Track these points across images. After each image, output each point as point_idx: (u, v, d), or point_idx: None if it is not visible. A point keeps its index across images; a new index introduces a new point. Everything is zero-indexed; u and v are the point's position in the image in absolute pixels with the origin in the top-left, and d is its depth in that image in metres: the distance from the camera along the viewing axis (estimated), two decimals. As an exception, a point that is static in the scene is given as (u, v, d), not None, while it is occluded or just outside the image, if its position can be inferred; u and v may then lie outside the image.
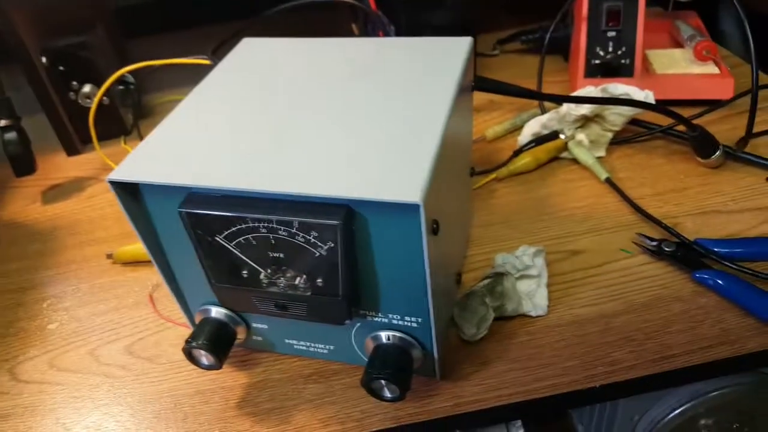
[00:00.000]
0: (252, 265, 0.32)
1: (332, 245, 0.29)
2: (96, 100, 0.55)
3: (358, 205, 0.28)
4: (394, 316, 0.33)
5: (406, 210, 0.27)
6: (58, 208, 0.58)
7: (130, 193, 0.32)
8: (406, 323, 0.33)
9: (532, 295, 0.39)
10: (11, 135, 0.56)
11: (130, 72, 0.54)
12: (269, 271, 0.32)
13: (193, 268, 0.34)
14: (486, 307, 0.37)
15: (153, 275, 0.47)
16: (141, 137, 0.62)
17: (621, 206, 0.47)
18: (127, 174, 0.30)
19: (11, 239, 0.55)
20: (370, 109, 0.33)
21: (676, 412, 0.53)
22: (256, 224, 0.30)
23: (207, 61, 0.51)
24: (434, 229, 0.28)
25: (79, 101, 0.62)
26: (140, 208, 0.32)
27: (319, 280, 0.31)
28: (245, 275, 0.32)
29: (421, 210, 0.26)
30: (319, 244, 0.30)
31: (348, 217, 0.28)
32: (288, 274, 0.32)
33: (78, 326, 0.44)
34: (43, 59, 0.60)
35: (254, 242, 0.31)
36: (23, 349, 0.43)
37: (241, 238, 0.31)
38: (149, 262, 0.48)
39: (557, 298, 0.40)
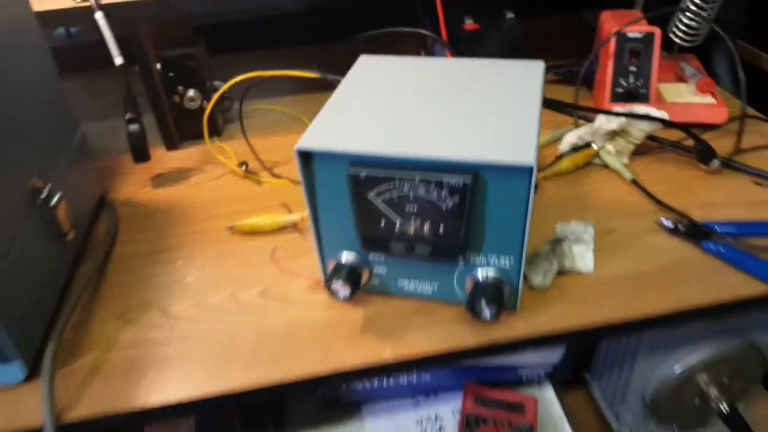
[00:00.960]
0: (392, 215, 0.43)
1: (458, 200, 0.41)
2: (213, 100, 0.67)
3: (483, 168, 0.40)
4: (492, 256, 0.44)
5: (520, 172, 0.39)
6: (168, 192, 0.68)
7: (303, 160, 0.43)
8: (500, 264, 0.44)
9: (583, 257, 0.51)
10: (135, 126, 0.67)
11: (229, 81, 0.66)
12: (403, 220, 0.43)
13: (335, 223, 0.46)
14: (550, 262, 0.49)
15: (270, 243, 0.58)
16: (245, 136, 0.73)
17: (644, 200, 0.59)
18: (309, 144, 0.42)
19: (131, 216, 0.64)
20: (480, 104, 0.45)
21: (679, 369, 0.66)
22: (402, 183, 0.42)
23: (315, 75, 0.63)
24: (536, 187, 0.40)
25: (184, 104, 0.74)
26: (309, 172, 0.44)
27: (441, 227, 0.43)
28: (384, 223, 0.44)
29: (534, 170, 0.38)
30: (448, 198, 0.41)
31: (475, 177, 0.40)
32: (417, 223, 0.43)
33: (213, 279, 0.54)
34: (158, 66, 0.72)
35: (396, 198, 0.42)
36: (167, 295, 0.53)
37: (387, 195, 0.42)
38: (266, 233, 0.59)
39: (600, 261, 0.52)
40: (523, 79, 0.48)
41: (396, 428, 0.67)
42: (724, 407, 0.67)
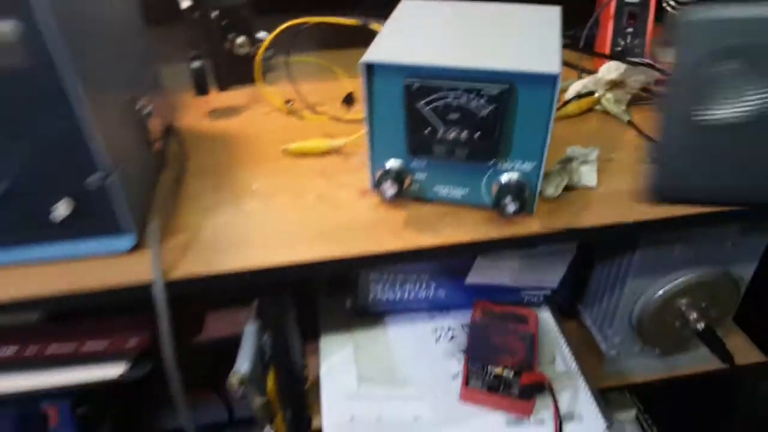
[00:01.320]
0: (436, 123, 0.53)
1: (494, 107, 0.51)
2: (266, 42, 0.76)
3: (517, 77, 0.50)
4: (517, 162, 0.54)
5: (547, 81, 0.49)
6: (224, 123, 0.77)
7: (367, 73, 0.52)
8: (523, 169, 0.54)
9: (588, 174, 0.61)
10: (198, 63, 0.76)
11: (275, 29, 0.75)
12: (446, 127, 0.53)
13: (386, 132, 0.55)
14: (561, 177, 0.59)
15: (318, 163, 0.67)
16: (290, 78, 0.82)
17: (638, 138, 0.70)
18: (373, 58, 0.51)
19: (195, 141, 0.73)
20: (512, 31, 0.56)
21: (662, 293, 0.76)
22: (448, 93, 0.51)
23: (357, 22, 0.72)
24: (558, 100, 0.50)
25: (234, 50, 0.83)
26: (369, 85, 0.53)
27: (478, 133, 0.53)
28: (429, 130, 0.53)
29: (558, 79, 0.48)
30: (485, 106, 0.51)
31: (511, 86, 0.50)
32: (457, 129, 0.53)
33: (274, 187, 0.63)
34: (214, 13, 0.81)
35: (442, 106, 0.52)
36: (238, 197, 0.62)
37: (434, 104, 0.52)
38: (314, 155, 0.69)
39: (602, 180, 0.62)
40: (544, 15, 0.59)
41: (414, 333, 0.77)
42: (700, 326, 0.77)
